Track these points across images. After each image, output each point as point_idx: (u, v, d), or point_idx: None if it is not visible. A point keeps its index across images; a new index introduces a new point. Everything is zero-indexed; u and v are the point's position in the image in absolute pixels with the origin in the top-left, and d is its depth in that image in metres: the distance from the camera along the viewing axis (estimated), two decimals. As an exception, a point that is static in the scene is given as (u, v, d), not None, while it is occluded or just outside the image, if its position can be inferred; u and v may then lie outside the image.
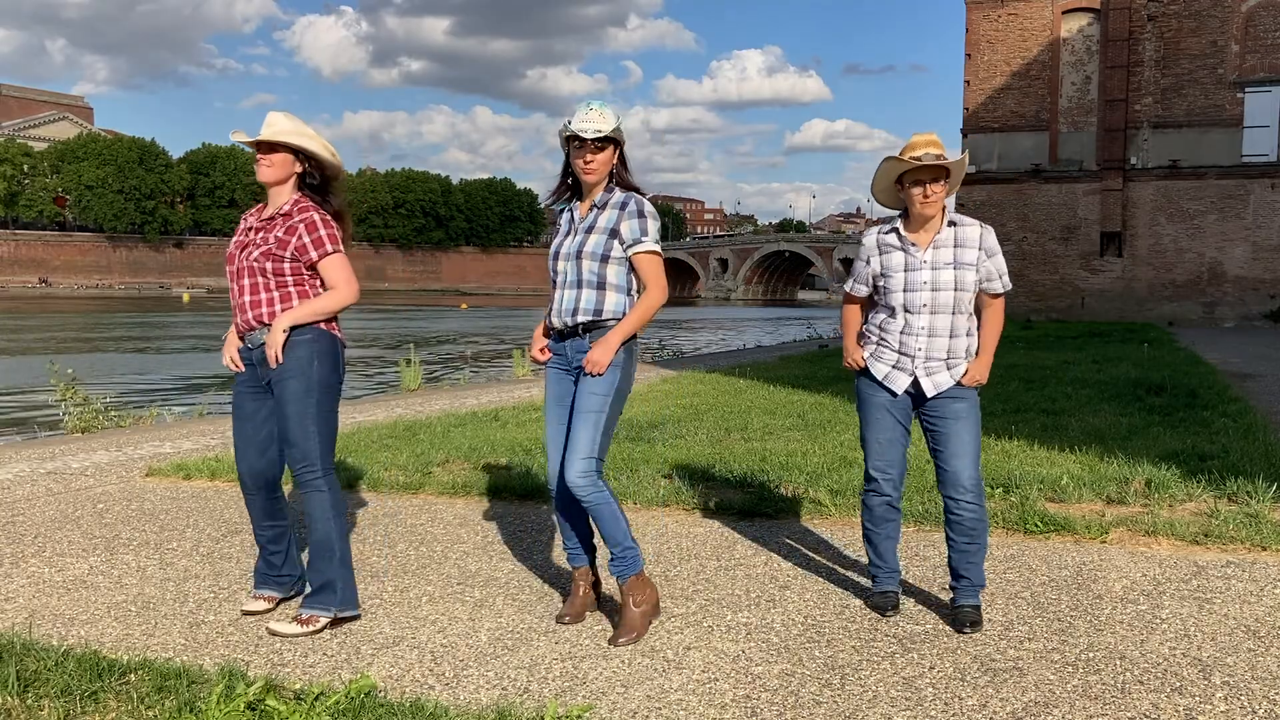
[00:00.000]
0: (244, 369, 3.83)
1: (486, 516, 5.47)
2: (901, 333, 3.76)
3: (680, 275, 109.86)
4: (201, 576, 4.39)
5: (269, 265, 3.70)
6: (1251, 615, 3.78)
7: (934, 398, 3.75)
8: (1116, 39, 30.57)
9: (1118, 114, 30.73)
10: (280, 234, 3.71)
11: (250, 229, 3.81)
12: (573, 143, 3.59)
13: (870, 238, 3.87)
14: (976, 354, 3.80)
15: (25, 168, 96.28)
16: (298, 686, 3.09)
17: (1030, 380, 11.39)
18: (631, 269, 3.65)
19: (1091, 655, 3.39)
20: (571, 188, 3.76)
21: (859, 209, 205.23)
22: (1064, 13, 31.67)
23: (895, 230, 3.80)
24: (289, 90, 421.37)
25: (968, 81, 32.72)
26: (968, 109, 32.80)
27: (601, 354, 3.54)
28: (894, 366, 3.80)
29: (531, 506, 5.67)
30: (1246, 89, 29.77)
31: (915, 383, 3.77)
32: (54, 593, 4.17)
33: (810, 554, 4.68)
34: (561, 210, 3.83)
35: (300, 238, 3.69)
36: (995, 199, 32.24)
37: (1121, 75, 30.58)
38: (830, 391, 10.62)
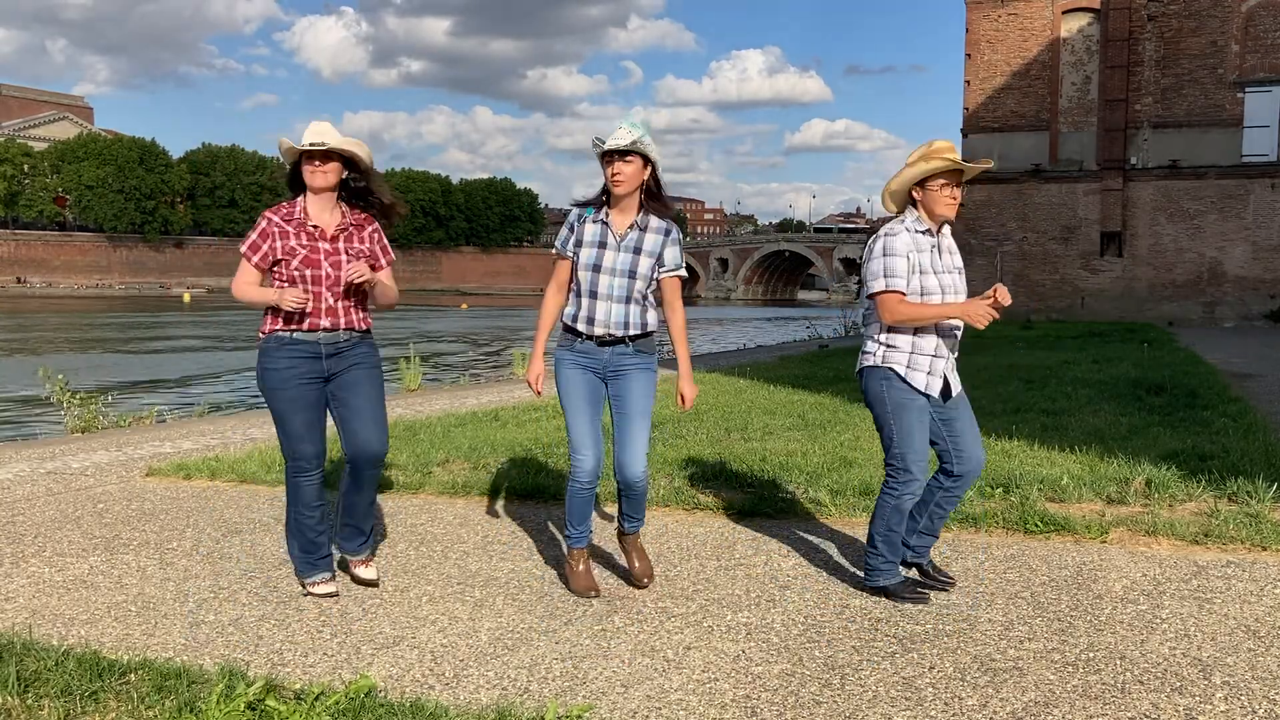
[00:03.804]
0: None
1: (486, 516, 5.47)
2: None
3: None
4: (201, 576, 4.39)
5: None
6: (1251, 615, 3.78)
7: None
8: (1116, 39, 30.56)
9: (1118, 114, 30.72)
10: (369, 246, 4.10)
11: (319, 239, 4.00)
12: (603, 158, 3.97)
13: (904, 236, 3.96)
14: None
15: (25, 168, 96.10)
16: (298, 686, 3.10)
17: (1030, 380, 11.39)
18: (655, 285, 4.11)
19: (1091, 655, 3.39)
20: (604, 196, 4.06)
21: (859, 209, 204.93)
22: (1064, 13, 31.65)
23: (928, 230, 3.97)
24: (289, 91, 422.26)
25: (968, 81, 32.72)
26: (968, 109, 32.80)
27: (691, 389, 4.25)
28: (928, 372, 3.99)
29: (531, 506, 5.67)
30: (1246, 89, 29.76)
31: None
32: (54, 593, 4.17)
33: (810, 554, 4.68)
34: (580, 217, 4.07)
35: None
36: (995, 199, 32.24)
37: (1121, 75, 30.57)
38: (830, 391, 10.62)
